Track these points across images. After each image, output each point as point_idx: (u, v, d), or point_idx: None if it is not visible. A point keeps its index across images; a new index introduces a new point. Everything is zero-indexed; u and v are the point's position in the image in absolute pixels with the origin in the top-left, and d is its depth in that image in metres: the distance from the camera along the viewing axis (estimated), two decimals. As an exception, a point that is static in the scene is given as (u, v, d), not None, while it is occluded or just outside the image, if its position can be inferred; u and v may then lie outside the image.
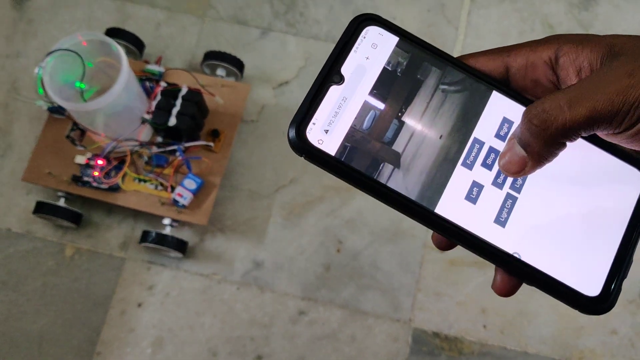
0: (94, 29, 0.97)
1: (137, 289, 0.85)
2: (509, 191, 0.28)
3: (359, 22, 0.28)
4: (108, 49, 0.75)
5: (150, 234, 0.81)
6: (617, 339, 0.83)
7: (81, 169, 0.83)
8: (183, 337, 0.83)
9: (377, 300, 0.84)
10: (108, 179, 0.82)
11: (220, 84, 0.86)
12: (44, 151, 0.84)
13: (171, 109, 0.79)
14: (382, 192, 0.27)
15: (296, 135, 0.27)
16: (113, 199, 0.83)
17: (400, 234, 0.86)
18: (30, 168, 0.83)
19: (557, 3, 0.99)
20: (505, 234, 0.27)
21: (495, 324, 0.83)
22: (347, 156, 0.27)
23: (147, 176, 0.82)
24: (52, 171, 0.83)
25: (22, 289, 0.85)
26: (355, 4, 0.98)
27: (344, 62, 0.28)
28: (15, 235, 0.87)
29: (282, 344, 0.82)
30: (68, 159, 0.84)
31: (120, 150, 0.82)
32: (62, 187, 0.83)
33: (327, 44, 0.96)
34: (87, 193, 0.83)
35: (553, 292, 0.27)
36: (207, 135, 0.85)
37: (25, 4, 0.99)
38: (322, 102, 0.27)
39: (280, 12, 0.98)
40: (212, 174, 0.83)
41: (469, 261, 0.86)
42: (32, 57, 0.95)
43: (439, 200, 0.27)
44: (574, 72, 0.26)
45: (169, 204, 0.82)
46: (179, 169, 0.82)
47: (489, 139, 0.28)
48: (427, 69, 0.28)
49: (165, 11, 0.98)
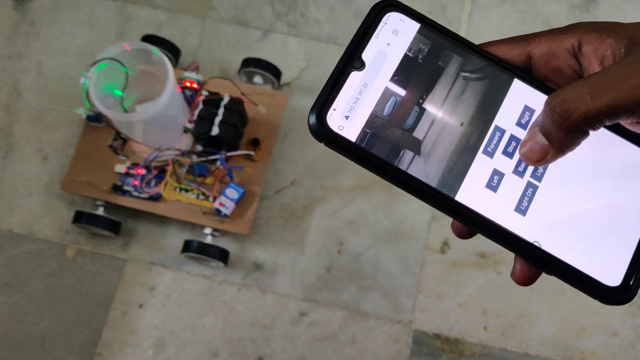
0: (95, 30, 0.97)
1: (138, 290, 0.85)
2: (529, 180, 0.28)
3: (380, 8, 0.28)
4: (148, 57, 0.74)
5: (193, 243, 0.80)
6: (618, 341, 0.83)
7: (121, 178, 0.82)
8: (184, 338, 0.83)
9: (378, 301, 0.84)
10: (149, 188, 0.81)
11: (258, 92, 0.85)
12: (82, 160, 0.83)
13: (213, 118, 0.79)
14: (403, 179, 0.27)
15: (316, 121, 0.27)
16: (154, 209, 0.82)
17: (401, 236, 0.87)
18: (68, 177, 0.83)
19: (558, 4, 0.98)
20: (526, 222, 0.27)
21: (496, 325, 0.84)
22: (367, 142, 0.27)
23: (189, 185, 0.81)
24: (91, 180, 0.82)
25: (25, 290, 0.85)
26: (356, 4, 0.98)
27: (365, 48, 0.28)
28: (17, 237, 0.87)
29: (283, 345, 0.83)
30: (107, 167, 0.83)
31: (161, 159, 0.81)
32: (101, 197, 0.82)
33: (329, 45, 0.96)
34: (127, 202, 0.82)
35: (573, 282, 0.27)
36: (247, 144, 0.84)
37: (27, 5, 0.99)
38: (343, 88, 0.27)
39: (281, 13, 0.98)
40: (252, 183, 0.82)
41: (470, 262, 0.86)
42: (33, 59, 0.96)
43: (460, 187, 0.27)
44: (597, 60, 0.26)
45: (210, 213, 0.81)
46: (221, 178, 0.81)
47: (510, 127, 0.28)
48: (448, 56, 0.28)
49: (166, 12, 0.98)
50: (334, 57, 0.95)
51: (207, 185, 0.82)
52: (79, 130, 0.92)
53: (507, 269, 0.85)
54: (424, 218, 0.87)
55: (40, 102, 0.93)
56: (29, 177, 0.90)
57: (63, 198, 0.89)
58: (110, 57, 0.73)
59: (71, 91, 0.94)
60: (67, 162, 0.90)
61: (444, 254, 0.86)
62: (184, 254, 0.82)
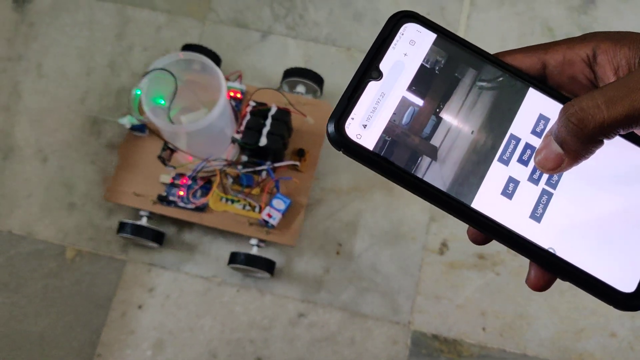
0: (95, 31, 0.97)
1: (137, 291, 0.85)
2: (544, 187, 0.28)
3: (397, 19, 0.29)
4: (194, 67, 0.74)
5: (239, 255, 0.79)
6: (616, 342, 0.83)
7: (166, 189, 0.82)
8: (183, 339, 0.83)
9: (376, 302, 0.84)
10: (195, 199, 0.81)
11: (302, 102, 0.85)
12: (125, 170, 0.83)
13: (261, 128, 0.78)
14: (419, 187, 0.28)
15: (335, 129, 0.27)
16: (200, 219, 0.81)
17: (399, 237, 0.87)
18: (112, 187, 0.82)
19: (557, 7, 0.99)
20: (541, 229, 0.28)
21: (494, 326, 0.84)
22: (384, 151, 0.28)
23: (235, 196, 0.80)
24: (135, 190, 0.82)
25: (24, 291, 0.85)
26: (355, 6, 0.99)
27: (382, 59, 0.28)
28: (16, 238, 0.87)
29: (282, 347, 0.83)
30: (150, 178, 0.82)
31: (207, 170, 0.80)
32: (146, 207, 0.82)
33: (327, 47, 0.96)
34: (173, 213, 0.81)
35: (587, 288, 0.27)
36: (292, 154, 0.83)
37: (27, 6, 0.99)
38: (361, 97, 0.28)
39: (280, 15, 0.99)
40: (298, 193, 0.81)
41: (468, 264, 0.86)
42: (33, 60, 0.96)
43: (476, 195, 0.28)
44: (612, 70, 0.26)
45: (257, 224, 0.80)
46: (269, 190, 0.81)
47: (526, 135, 0.28)
48: (464, 66, 0.29)
49: (166, 14, 0.99)
50: (333, 58, 0.96)
51: (254, 196, 0.81)
52: (78, 132, 0.92)
53: (506, 270, 0.86)
54: (423, 219, 0.87)
55: (40, 104, 0.94)
56: (28, 178, 0.90)
57: (62, 200, 0.89)
58: (161, 68, 0.72)
59: (70, 93, 0.94)
60: (67, 164, 0.91)
61: (442, 255, 0.86)
62: (230, 265, 0.81)
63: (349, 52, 0.96)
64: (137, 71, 0.95)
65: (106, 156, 0.91)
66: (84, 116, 0.93)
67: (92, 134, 0.92)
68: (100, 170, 0.90)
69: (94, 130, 0.92)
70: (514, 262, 0.86)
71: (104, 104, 0.94)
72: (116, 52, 0.96)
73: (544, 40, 0.96)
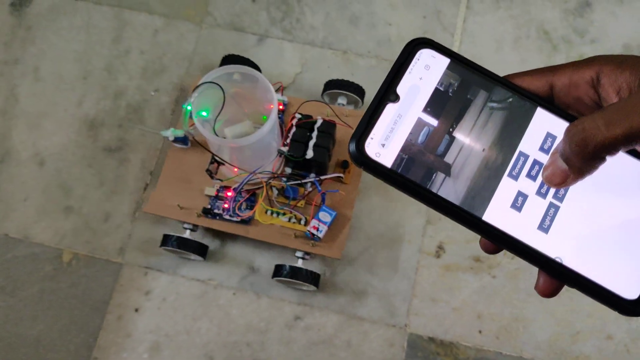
0: (92, 35, 0.98)
1: (134, 294, 0.85)
2: (552, 200, 0.30)
3: (413, 45, 0.31)
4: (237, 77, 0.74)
5: (284, 267, 0.79)
6: (612, 345, 0.83)
7: (210, 201, 0.81)
8: (179, 342, 0.83)
9: (373, 305, 0.84)
10: (241, 212, 0.80)
11: (345, 113, 0.84)
12: (167, 182, 0.82)
13: (308, 141, 0.78)
14: (434, 201, 0.30)
15: (356, 148, 0.29)
16: (246, 232, 0.80)
17: (396, 240, 0.87)
18: (154, 199, 0.81)
19: (553, 10, 0.99)
20: (548, 240, 0.29)
21: (490, 329, 0.84)
22: (402, 168, 0.30)
23: (282, 209, 0.80)
24: (179, 202, 0.80)
25: (20, 294, 0.85)
26: (351, 10, 0.99)
27: (399, 82, 0.30)
28: (13, 241, 0.87)
29: (278, 349, 0.83)
30: (192, 190, 0.81)
31: (252, 182, 0.80)
32: (191, 220, 0.80)
33: (324, 50, 0.97)
34: (218, 226, 0.80)
35: (593, 295, 0.29)
36: (336, 166, 0.83)
37: (24, 10, 0.99)
38: (380, 118, 0.30)
39: (276, 18, 0.99)
40: (343, 206, 0.81)
41: (464, 266, 0.86)
42: (30, 64, 0.96)
43: (487, 208, 0.30)
44: (614, 92, 0.28)
45: (302, 236, 0.79)
46: (314, 202, 0.80)
47: (534, 152, 0.30)
48: (476, 88, 0.31)
49: (163, 18, 0.99)
50: (329, 62, 0.96)
51: (298, 209, 0.80)
52: (75, 135, 0.92)
53: (502, 273, 0.86)
54: (419, 222, 0.88)
55: (37, 107, 0.94)
56: (25, 182, 0.90)
57: (59, 203, 0.89)
58: (210, 81, 0.71)
59: (67, 96, 0.94)
60: (64, 167, 0.91)
61: (438, 258, 0.86)
62: (275, 278, 0.81)
63: (345, 56, 0.96)
64: (134, 74, 0.95)
65: (103, 159, 0.91)
66: (80, 119, 0.93)
67: (89, 137, 0.92)
68: (97, 174, 0.90)
69: (90, 134, 0.92)
70: (510, 265, 0.86)
71: (100, 108, 0.94)
72: (113, 55, 0.97)
73: (539, 43, 0.96)
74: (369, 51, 0.97)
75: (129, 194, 0.89)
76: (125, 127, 0.93)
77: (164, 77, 0.95)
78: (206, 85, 0.72)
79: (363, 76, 0.94)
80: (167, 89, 0.95)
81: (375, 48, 0.97)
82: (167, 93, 0.95)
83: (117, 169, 0.91)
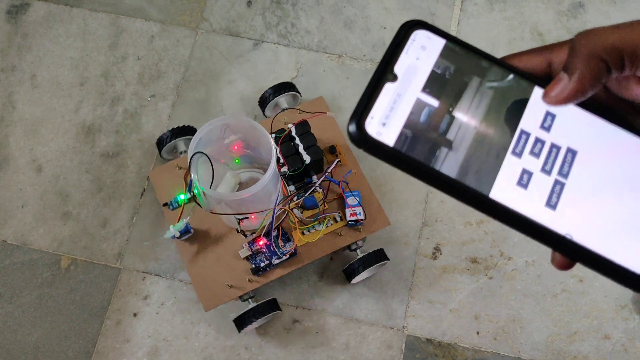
0: (88, 42, 0.98)
1: (132, 299, 0.85)
2: (557, 177, 0.30)
3: (408, 27, 0.31)
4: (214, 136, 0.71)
5: (353, 265, 0.79)
6: (610, 345, 0.83)
7: (251, 260, 0.77)
8: (178, 346, 0.83)
9: (370, 308, 0.85)
10: (285, 249, 0.77)
11: (298, 109, 0.83)
12: (200, 276, 0.77)
13: (297, 149, 0.78)
14: (438, 180, 0.29)
15: (356, 128, 0.29)
16: (301, 262, 0.77)
17: (392, 242, 0.87)
18: (203, 298, 0.76)
19: (546, 12, 1.00)
20: (557, 216, 0.29)
21: (488, 330, 0.84)
22: (404, 147, 0.29)
23: (315, 219, 0.78)
24: (225, 281, 0.77)
25: (18, 300, 0.85)
26: (346, 14, 0.99)
27: (396, 62, 0.30)
28: (10, 247, 0.88)
29: (277, 352, 0.83)
30: (226, 265, 0.78)
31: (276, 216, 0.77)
32: (248, 288, 0.77)
33: (319, 54, 0.97)
34: (275, 275, 0.77)
35: (605, 272, 0.28)
36: (325, 156, 0.82)
37: (20, 18, 1.00)
38: (378, 98, 0.29)
39: (272, 23, 0.99)
40: (355, 183, 0.80)
41: (461, 268, 0.86)
42: (27, 71, 0.96)
43: (492, 186, 0.29)
44: None
45: (347, 229, 0.79)
46: (341, 194, 0.79)
47: (535, 130, 0.30)
48: (473, 69, 0.31)
49: (159, 24, 0.99)
50: (324, 66, 0.96)
51: (327, 211, 0.79)
52: (72, 142, 0.93)
53: (499, 274, 0.86)
54: (415, 224, 0.88)
55: (34, 114, 0.94)
56: (23, 188, 0.90)
57: (56, 209, 0.89)
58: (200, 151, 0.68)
59: (64, 103, 0.95)
60: (61, 173, 0.91)
61: (435, 259, 0.87)
62: (353, 281, 0.81)
63: (340, 60, 0.97)
64: (130, 80, 0.96)
65: (100, 165, 0.91)
66: (78, 126, 0.94)
67: (86, 144, 0.93)
68: (95, 180, 0.91)
69: (88, 140, 0.93)
70: (507, 266, 0.86)
71: (97, 114, 0.94)
72: (110, 61, 0.97)
73: (533, 45, 0.97)
74: (364, 55, 0.97)
75: (127, 199, 0.90)
76: (122, 133, 0.93)
77: (161, 82, 0.96)
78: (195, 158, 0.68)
79: (358, 80, 0.95)
80: (164, 95, 0.95)
81: (371, 52, 0.97)
82: (164, 98, 0.95)
83: (115, 174, 0.91)
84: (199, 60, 0.97)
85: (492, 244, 0.87)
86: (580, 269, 0.86)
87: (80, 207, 0.89)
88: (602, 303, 0.85)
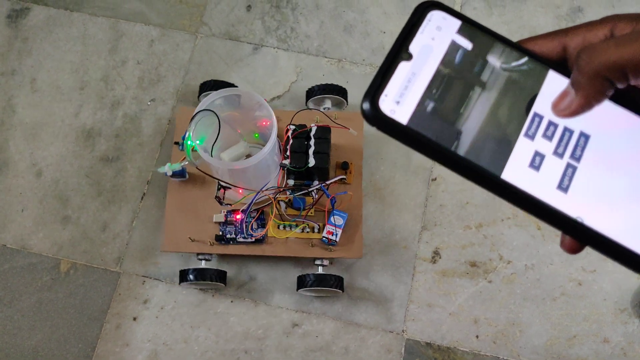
0: (88, 46, 0.98)
1: (132, 303, 0.85)
2: (569, 161, 0.30)
3: (424, 7, 0.31)
4: (235, 103, 0.74)
5: (308, 277, 0.79)
6: (609, 348, 0.83)
7: (221, 227, 0.80)
8: (178, 350, 0.83)
9: (370, 311, 0.85)
10: (254, 232, 0.79)
11: (334, 116, 0.84)
12: (174, 218, 0.81)
13: (307, 150, 0.78)
14: (451, 159, 0.29)
15: (370, 105, 0.29)
16: (262, 251, 0.80)
17: (392, 246, 0.87)
18: (167, 238, 0.80)
19: (545, 15, 1.00)
20: (568, 199, 0.29)
21: (487, 334, 0.84)
22: (418, 125, 0.29)
23: (294, 220, 0.79)
24: (190, 235, 0.80)
25: (17, 305, 0.85)
26: (345, 18, 1.00)
27: (411, 41, 0.30)
28: (10, 251, 0.88)
29: (276, 357, 0.83)
30: (200, 220, 0.81)
31: (260, 201, 0.79)
32: (206, 250, 0.80)
33: (318, 58, 0.97)
34: (234, 250, 0.80)
35: (615, 256, 0.28)
36: (336, 168, 0.83)
37: (20, 22, 1.00)
38: (393, 76, 0.29)
39: (271, 27, 1.00)
40: (351, 206, 0.81)
41: (460, 272, 0.86)
42: (27, 75, 0.97)
43: (505, 167, 0.29)
44: None
45: (319, 244, 0.80)
46: (326, 207, 0.80)
47: (548, 113, 0.30)
48: (488, 50, 0.31)
49: (159, 28, 1.00)
50: (324, 70, 0.97)
51: (309, 217, 0.80)
52: (72, 146, 0.93)
53: (498, 277, 0.86)
54: (415, 228, 0.88)
55: (34, 118, 0.94)
56: (22, 192, 0.90)
57: (56, 213, 0.89)
58: (205, 108, 0.71)
59: (64, 107, 0.95)
60: (61, 177, 0.91)
61: (434, 263, 0.87)
62: (300, 290, 0.81)
63: (339, 64, 0.97)
64: (130, 84, 0.96)
65: (100, 169, 0.92)
66: (78, 130, 0.94)
67: (86, 148, 0.93)
68: (95, 184, 0.91)
69: (88, 144, 0.93)
70: (506, 270, 0.86)
71: (97, 118, 0.94)
72: (110, 65, 0.97)
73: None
74: (363, 59, 0.97)
75: (127, 203, 0.90)
76: (122, 137, 0.93)
77: (161, 86, 0.96)
78: (201, 114, 0.71)
79: (358, 84, 0.95)
80: (164, 99, 0.95)
81: (370, 56, 0.98)
82: (163, 102, 0.95)
83: (115, 178, 0.91)
84: (199, 65, 0.97)
85: (491, 247, 0.87)
86: (580, 271, 0.86)
87: (80, 211, 0.90)
88: (602, 307, 0.85)
